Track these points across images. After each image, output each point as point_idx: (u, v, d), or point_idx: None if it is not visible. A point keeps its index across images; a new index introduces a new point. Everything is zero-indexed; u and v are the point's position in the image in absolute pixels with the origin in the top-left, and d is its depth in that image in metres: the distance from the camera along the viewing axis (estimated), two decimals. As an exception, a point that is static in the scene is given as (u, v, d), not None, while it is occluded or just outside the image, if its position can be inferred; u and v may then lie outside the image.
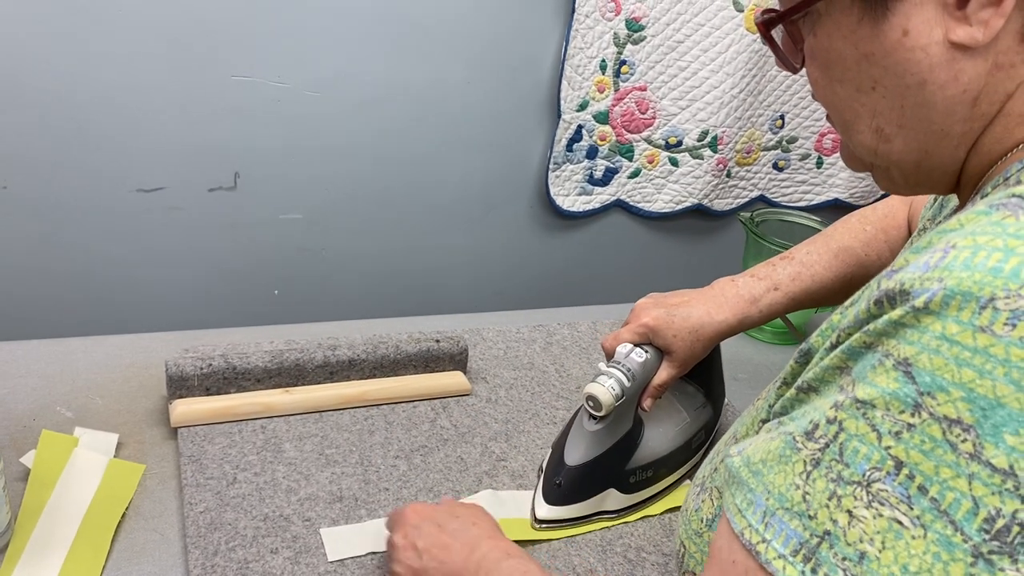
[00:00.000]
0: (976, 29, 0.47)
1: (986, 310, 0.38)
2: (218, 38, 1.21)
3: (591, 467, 0.81)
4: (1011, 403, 0.38)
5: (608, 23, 1.39)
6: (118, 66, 1.18)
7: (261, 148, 1.31)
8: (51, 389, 0.91)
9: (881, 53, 0.50)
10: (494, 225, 1.54)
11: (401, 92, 1.35)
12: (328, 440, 0.89)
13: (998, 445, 0.38)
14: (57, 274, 1.28)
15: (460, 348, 1.01)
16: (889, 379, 0.41)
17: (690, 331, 0.82)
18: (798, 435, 0.46)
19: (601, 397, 0.78)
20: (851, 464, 0.42)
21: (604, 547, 0.81)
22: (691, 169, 1.57)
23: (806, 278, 0.84)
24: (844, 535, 0.42)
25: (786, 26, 0.55)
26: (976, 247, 0.40)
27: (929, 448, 0.40)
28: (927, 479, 0.40)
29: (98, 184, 1.24)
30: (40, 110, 1.17)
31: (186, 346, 0.99)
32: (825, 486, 0.43)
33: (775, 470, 0.47)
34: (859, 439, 0.42)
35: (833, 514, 0.43)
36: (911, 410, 0.40)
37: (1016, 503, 0.38)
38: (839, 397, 0.44)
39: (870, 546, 0.41)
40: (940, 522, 0.39)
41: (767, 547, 0.45)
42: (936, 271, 0.41)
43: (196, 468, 0.83)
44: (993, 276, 0.39)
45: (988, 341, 0.38)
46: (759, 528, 0.46)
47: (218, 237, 1.35)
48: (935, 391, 0.40)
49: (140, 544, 0.75)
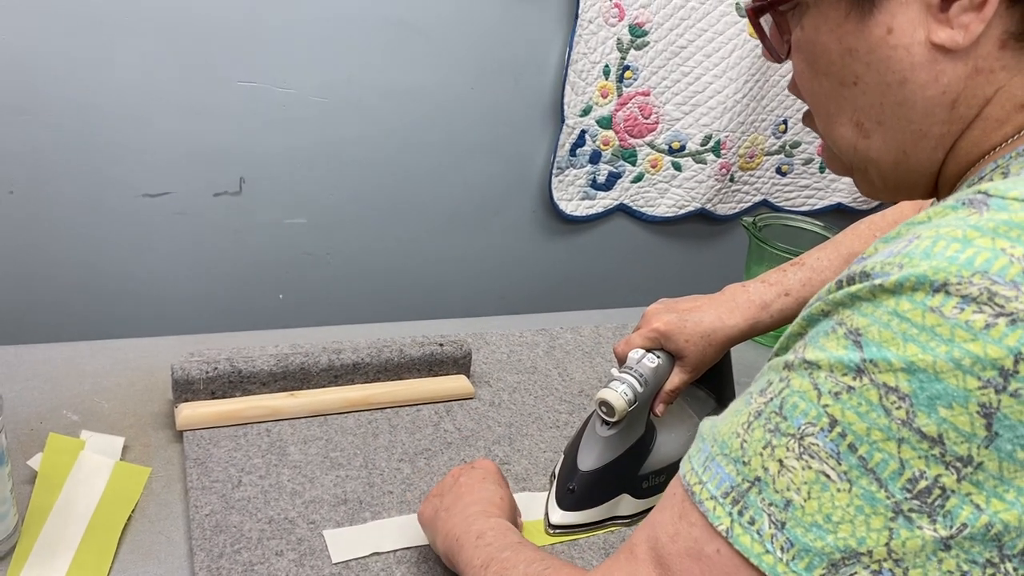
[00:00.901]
0: (957, 32, 0.48)
1: (938, 293, 0.41)
2: (223, 44, 1.22)
3: (604, 472, 0.81)
4: (949, 379, 0.40)
5: (611, 28, 1.39)
6: (124, 72, 1.19)
7: (266, 153, 1.32)
8: (58, 393, 0.92)
9: (865, 49, 0.51)
10: (498, 229, 1.55)
11: (405, 97, 1.36)
12: (332, 443, 0.90)
13: (930, 415, 0.40)
14: (63, 278, 1.29)
15: (464, 352, 1.01)
16: (838, 345, 0.44)
17: (702, 336, 0.82)
18: (755, 393, 0.49)
19: (614, 403, 0.78)
20: (789, 417, 0.45)
21: (607, 550, 0.82)
22: (694, 174, 1.57)
23: (817, 283, 0.85)
24: (773, 482, 0.45)
25: (774, 16, 0.56)
26: (937, 237, 0.42)
27: (864, 411, 0.42)
28: (858, 439, 0.42)
29: (104, 189, 1.25)
30: (46, 115, 1.18)
31: (191, 350, 1.00)
32: (762, 436, 0.46)
33: (726, 420, 0.50)
34: (800, 395, 0.45)
35: (765, 462, 0.45)
36: (853, 374, 0.43)
37: (940, 468, 0.40)
38: (790, 357, 0.47)
39: (796, 495, 0.44)
40: (866, 479, 0.42)
41: (702, 488, 0.48)
42: (898, 257, 0.43)
43: (201, 471, 0.83)
44: (949, 263, 0.41)
45: (936, 321, 0.40)
46: (699, 471, 0.49)
47: (223, 242, 1.36)
48: (879, 360, 0.42)
49: (146, 546, 0.75)
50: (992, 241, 0.41)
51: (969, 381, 0.40)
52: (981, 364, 0.39)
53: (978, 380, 0.39)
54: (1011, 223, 0.41)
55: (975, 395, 0.40)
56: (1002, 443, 0.39)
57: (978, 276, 0.40)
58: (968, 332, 0.40)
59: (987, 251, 0.40)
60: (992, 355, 0.39)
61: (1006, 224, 0.41)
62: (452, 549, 0.68)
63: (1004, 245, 0.40)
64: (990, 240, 0.41)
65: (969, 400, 0.40)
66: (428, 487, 0.86)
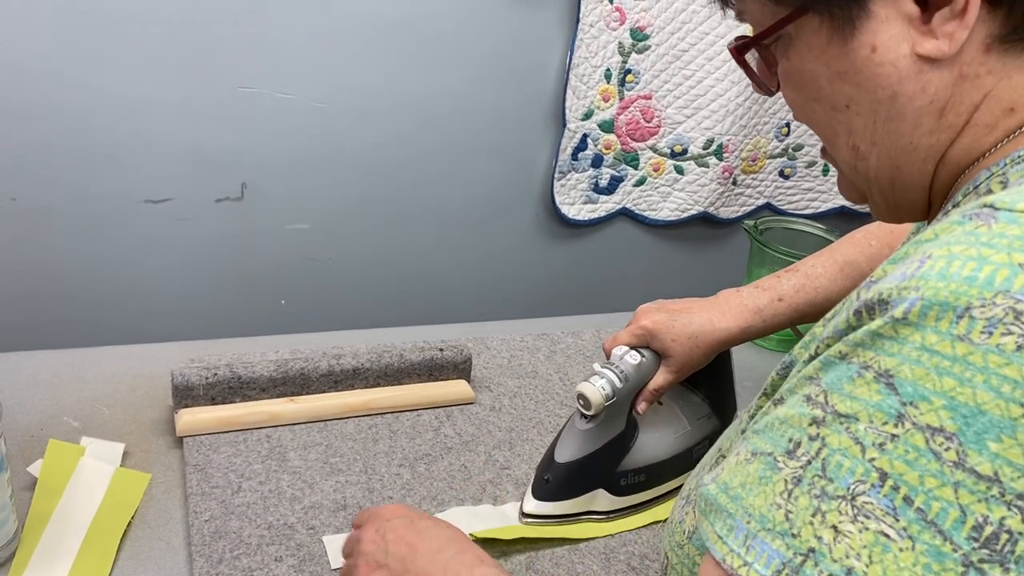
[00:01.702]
0: (942, 41, 0.48)
1: (963, 319, 0.39)
2: (224, 50, 1.22)
3: (580, 465, 0.82)
4: (992, 410, 0.38)
5: (613, 32, 1.39)
6: (126, 78, 1.19)
7: (268, 159, 1.32)
8: (58, 399, 0.92)
9: (852, 71, 0.51)
10: (500, 234, 1.55)
11: (407, 102, 1.36)
12: (332, 449, 0.90)
13: (981, 452, 0.38)
14: (65, 285, 1.30)
15: (464, 357, 1.01)
16: (871, 391, 0.41)
17: (689, 337, 0.82)
18: (778, 455, 0.45)
19: (591, 396, 0.78)
20: (835, 479, 0.42)
21: (608, 555, 0.81)
22: (696, 177, 1.57)
23: (810, 290, 0.85)
24: (830, 551, 0.41)
25: (759, 51, 0.56)
26: (951, 256, 0.41)
27: (913, 458, 0.40)
28: (912, 489, 0.39)
29: (106, 195, 1.26)
30: (49, 123, 1.18)
31: (192, 356, 1.00)
32: (808, 503, 0.43)
33: (755, 492, 0.46)
34: (842, 453, 0.42)
35: (817, 531, 0.42)
36: (894, 421, 0.40)
37: (1003, 509, 0.38)
38: (816, 412, 0.44)
39: (857, 561, 0.40)
40: (928, 532, 0.39)
41: (748, 570, 0.44)
42: (913, 280, 0.41)
43: (201, 477, 0.83)
44: (968, 285, 0.39)
45: (967, 350, 0.39)
46: (740, 552, 0.45)
47: (225, 247, 1.36)
48: (917, 401, 0.40)
49: (146, 552, 0.75)
50: (1008, 256, 0.39)
51: (1012, 409, 0.38)
52: (1021, 389, 0.38)
53: (1021, 407, 0.38)
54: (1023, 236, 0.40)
55: (1021, 424, 0.37)
56: None
57: (1000, 296, 0.38)
58: (1001, 356, 0.38)
59: (1005, 268, 0.39)
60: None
61: (1019, 238, 0.40)
62: None
63: (1021, 260, 0.39)
64: (1006, 256, 0.39)
65: (1017, 429, 0.38)
66: (428, 492, 0.86)
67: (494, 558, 0.64)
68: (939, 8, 0.47)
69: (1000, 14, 0.47)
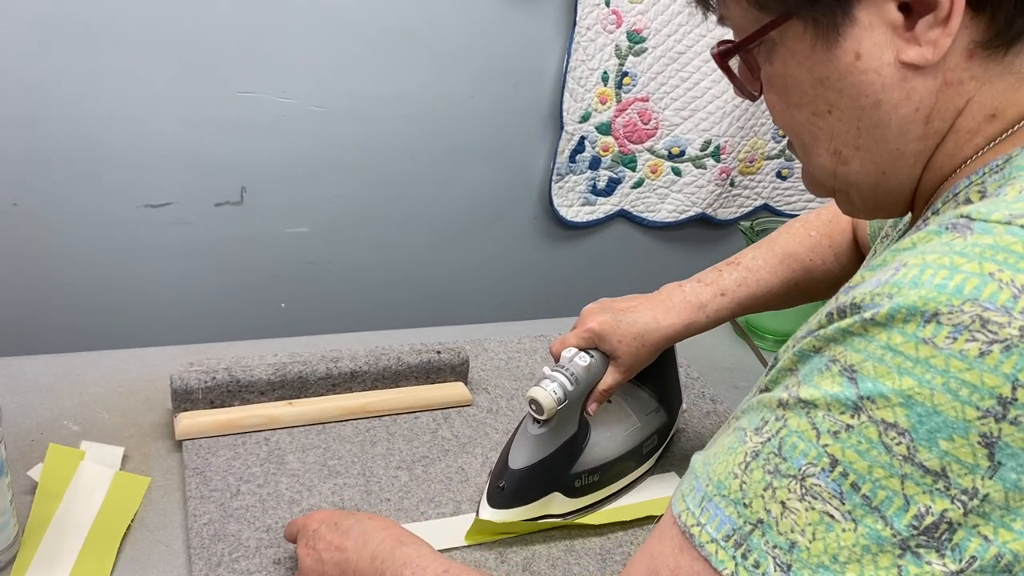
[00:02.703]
0: (926, 49, 0.48)
1: (930, 323, 0.40)
2: (223, 54, 1.23)
3: (535, 470, 0.81)
4: (948, 411, 0.40)
5: (609, 35, 1.40)
6: (125, 83, 1.20)
7: (267, 163, 1.33)
8: (58, 403, 0.93)
9: (836, 77, 0.51)
10: (498, 236, 1.55)
11: (404, 106, 1.37)
12: (330, 451, 0.90)
13: (931, 449, 0.40)
14: (65, 289, 1.30)
15: (461, 359, 1.02)
16: (833, 383, 0.43)
17: (635, 336, 0.82)
18: (749, 430, 0.48)
19: (543, 401, 0.78)
20: (788, 459, 0.44)
21: (604, 555, 0.82)
22: (694, 179, 1.57)
23: (752, 283, 0.85)
24: (776, 524, 0.44)
25: (742, 56, 0.56)
26: (924, 265, 0.42)
27: (865, 449, 0.42)
28: (860, 477, 0.42)
29: (106, 200, 1.26)
30: (49, 128, 1.19)
31: (191, 359, 1.00)
32: (762, 477, 0.45)
33: (720, 459, 0.49)
34: (798, 435, 0.44)
35: (767, 504, 0.45)
36: (851, 412, 0.42)
37: (946, 502, 0.40)
38: (784, 395, 0.46)
39: (801, 536, 0.43)
40: (871, 517, 0.42)
41: (701, 531, 0.47)
42: (886, 287, 0.43)
43: (200, 480, 0.84)
44: (938, 292, 0.41)
45: (929, 352, 0.40)
46: (695, 511, 0.48)
47: (225, 251, 1.37)
48: (875, 396, 0.42)
49: (145, 555, 0.76)
50: (979, 266, 0.40)
51: (968, 411, 0.39)
52: (979, 393, 0.39)
53: (977, 410, 0.39)
54: (997, 247, 0.41)
55: (975, 425, 0.39)
56: (1006, 472, 0.39)
57: (968, 303, 0.40)
58: (963, 361, 0.39)
59: (975, 277, 0.40)
60: (989, 383, 0.39)
61: (992, 248, 0.41)
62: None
63: (992, 269, 0.40)
64: (977, 265, 0.40)
65: (970, 431, 0.39)
66: (426, 494, 0.86)
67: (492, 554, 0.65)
68: (923, 15, 0.47)
69: (983, 20, 0.47)
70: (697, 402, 1.07)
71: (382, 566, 0.64)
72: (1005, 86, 0.49)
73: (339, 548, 0.68)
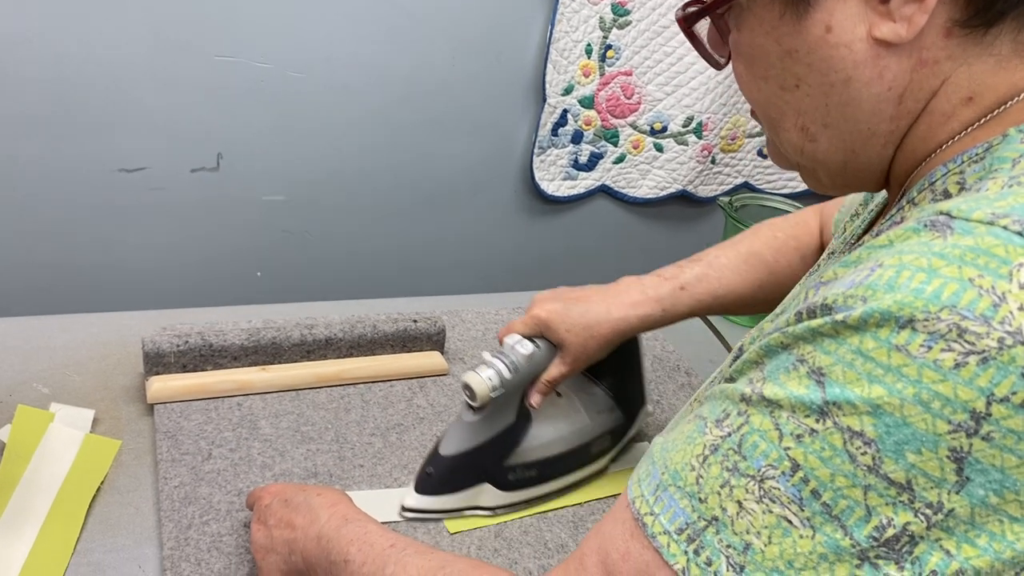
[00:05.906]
0: (900, 25, 0.46)
1: (904, 330, 0.38)
2: (201, 18, 1.21)
3: (464, 459, 0.78)
4: (917, 424, 0.38)
5: (594, 7, 1.39)
6: (100, 46, 1.18)
7: (244, 129, 1.31)
8: (28, 365, 0.92)
9: (804, 50, 0.49)
10: (478, 209, 1.55)
11: (386, 74, 1.35)
12: (304, 418, 0.90)
13: (897, 461, 0.39)
14: (38, 252, 1.28)
15: (438, 328, 1.01)
16: (800, 384, 0.42)
17: (584, 327, 0.78)
18: (710, 421, 0.46)
19: (476, 387, 0.74)
20: (748, 458, 0.43)
21: (576, 523, 0.82)
22: (676, 155, 1.57)
23: (713, 280, 0.82)
24: (732, 524, 0.43)
25: (713, 19, 0.54)
26: (901, 266, 0.40)
27: (828, 456, 0.40)
28: (822, 485, 0.40)
29: (80, 164, 1.24)
30: (22, 90, 1.17)
31: (164, 324, 0.99)
32: (719, 473, 0.44)
33: (678, 448, 0.47)
34: (760, 434, 0.43)
35: (723, 502, 0.43)
36: (816, 416, 0.41)
37: (909, 515, 0.39)
38: (746, 390, 0.45)
39: (756, 538, 0.42)
40: (830, 525, 0.40)
41: (654, 520, 0.46)
42: (860, 288, 0.41)
43: (172, 444, 0.83)
44: (914, 297, 0.38)
45: (902, 360, 0.38)
46: (649, 500, 0.47)
47: (201, 218, 1.35)
48: (842, 402, 0.40)
49: (115, 517, 0.75)
50: (959, 271, 0.38)
51: (939, 425, 0.38)
52: (951, 407, 0.37)
53: (948, 424, 0.37)
54: (977, 249, 0.38)
55: (945, 439, 0.37)
56: (974, 488, 0.38)
57: (946, 311, 0.37)
58: (937, 372, 0.37)
59: (954, 282, 0.38)
60: (963, 397, 0.37)
61: (972, 251, 0.38)
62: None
63: (972, 275, 0.38)
64: (956, 269, 0.38)
65: (939, 445, 0.38)
66: (399, 461, 0.86)
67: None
68: None
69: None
70: (672, 375, 1.08)
71: (328, 545, 0.63)
72: (984, 68, 0.47)
73: (288, 525, 0.67)
